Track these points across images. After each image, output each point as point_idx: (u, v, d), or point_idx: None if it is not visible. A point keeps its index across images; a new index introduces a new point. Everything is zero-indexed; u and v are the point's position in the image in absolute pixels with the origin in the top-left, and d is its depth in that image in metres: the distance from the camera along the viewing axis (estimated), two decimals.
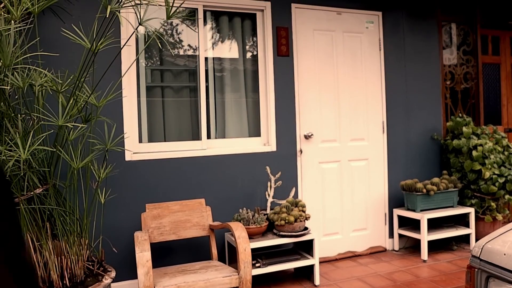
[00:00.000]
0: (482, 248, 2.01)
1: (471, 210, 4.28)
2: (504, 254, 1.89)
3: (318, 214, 4.10)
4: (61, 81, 2.58)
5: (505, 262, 1.87)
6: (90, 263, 2.68)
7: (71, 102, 2.43)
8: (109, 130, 2.87)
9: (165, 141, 3.74)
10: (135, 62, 3.55)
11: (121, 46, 2.94)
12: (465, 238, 4.47)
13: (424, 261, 4.03)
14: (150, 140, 3.70)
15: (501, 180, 4.33)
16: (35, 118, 2.51)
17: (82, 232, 2.66)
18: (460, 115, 4.86)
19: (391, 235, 4.44)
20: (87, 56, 2.51)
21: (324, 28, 4.20)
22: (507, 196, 4.40)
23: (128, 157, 3.46)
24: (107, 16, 2.33)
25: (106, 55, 2.95)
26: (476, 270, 1.99)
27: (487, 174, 4.27)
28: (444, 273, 3.70)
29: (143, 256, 2.62)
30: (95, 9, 3.17)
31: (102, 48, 2.51)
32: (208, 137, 3.82)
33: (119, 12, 2.43)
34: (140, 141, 3.62)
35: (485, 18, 5.13)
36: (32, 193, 2.46)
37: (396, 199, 4.46)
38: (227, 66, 4.01)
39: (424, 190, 4.14)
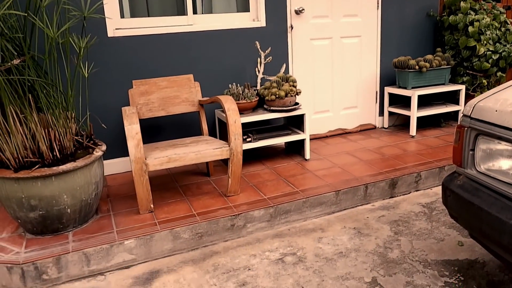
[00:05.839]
0: (473, 107, 1.99)
1: (462, 87, 4.26)
2: (496, 111, 1.87)
3: (309, 91, 4.06)
4: None
5: (496, 118, 1.85)
6: (79, 137, 2.65)
7: None
8: None
9: (148, 16, 3.52)
10: None
11: None
12: (454, 116, 4.51)
13: (413, 136, 4.10)
14: (133, 15, 3.48)
15: (495, 57, 4.24)
16: None
17: (68, 105, 2.59)
18: None
19: (381, 113, 4.46)
20: None
21: None
22: (499, 74, 4.36)
23: (111, 33, 3.27)
24: None
25: None
26: (466, 128, 1.99)
27: (482, 50, 4.17)
28: (430, 147, 3.78)
29: (132, 129, 2.59)
30: None
31: None
32: (194, 12, 3.60)
33: None
34: (122, 16, 3.40)
35: None
36: (9, 64, 2.33)
37: (387, 78, 4.39)
38: None
39: (417, 67, 4.06)
